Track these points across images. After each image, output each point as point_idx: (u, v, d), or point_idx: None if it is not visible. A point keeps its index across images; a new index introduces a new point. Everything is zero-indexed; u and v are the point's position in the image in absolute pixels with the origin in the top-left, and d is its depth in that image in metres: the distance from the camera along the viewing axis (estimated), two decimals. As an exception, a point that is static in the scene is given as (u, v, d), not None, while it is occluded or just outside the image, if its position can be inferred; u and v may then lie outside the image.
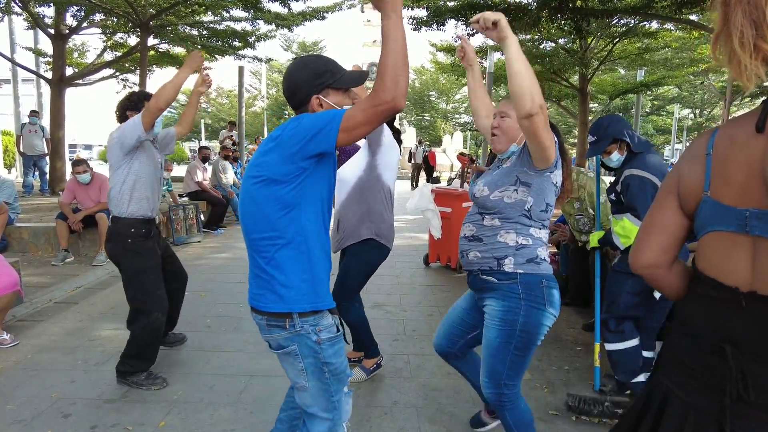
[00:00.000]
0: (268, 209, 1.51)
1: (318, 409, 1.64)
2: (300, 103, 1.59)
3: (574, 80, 13.53)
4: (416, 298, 4.72)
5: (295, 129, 1.47)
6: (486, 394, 2.01)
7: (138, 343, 2.88)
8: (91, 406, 2.68)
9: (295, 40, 37.77)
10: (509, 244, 1.89)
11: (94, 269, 5.51)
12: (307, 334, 1.55)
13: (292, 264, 1.53)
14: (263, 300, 1.56)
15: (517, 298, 1.86)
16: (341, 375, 1.64)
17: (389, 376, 3.10)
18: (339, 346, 1.62)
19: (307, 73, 1.57)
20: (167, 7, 9.11)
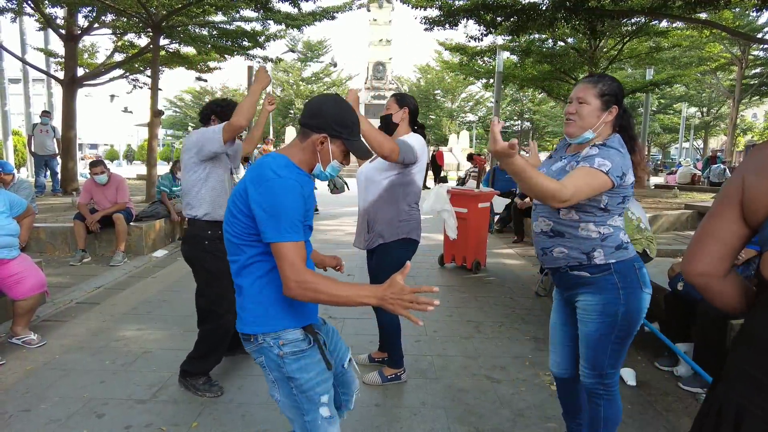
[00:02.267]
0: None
1: (297, 427, 1.65)
2: (311, 128, 1.61)
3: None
4: (434, 298, 4.72)
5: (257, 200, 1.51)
6: (586, 384, 1.99)
7: (207, 343, 2.88)
8: (123, 406, 2.71)
9: (300, 39, 37.83)
10: (593, 236, 1.85)
11: (112, 269, 5.55)
12: (269, 347, 1.58)
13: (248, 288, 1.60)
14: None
15: (615, 288, 1.83)
16: (310, 392, 1.59)
17: (415, 377, 3.11)
18: (305, 362, 1.58)
19: (337, 115, 1.61)
20: (179, 8, 9.14)
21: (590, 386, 1.99)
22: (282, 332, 1.57)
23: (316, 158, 1.63)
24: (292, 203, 1.48)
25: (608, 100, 1.86)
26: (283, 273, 1.46)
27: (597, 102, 1.85)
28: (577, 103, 1.88)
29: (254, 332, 1.58)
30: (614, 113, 1.87)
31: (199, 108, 15.15)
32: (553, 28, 7.19)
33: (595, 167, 1.74)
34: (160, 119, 9.65)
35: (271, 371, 1.61)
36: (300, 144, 1.63)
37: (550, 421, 2.65)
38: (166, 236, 6.90)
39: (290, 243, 1.46)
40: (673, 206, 9.20)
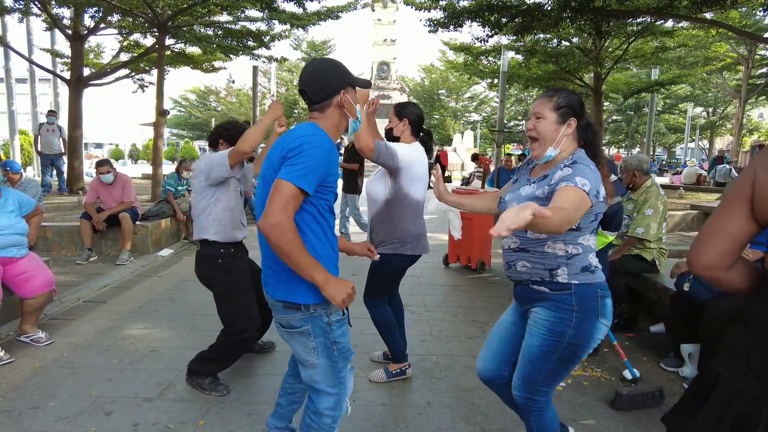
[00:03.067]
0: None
1: (326, 385, 1.81)
2: (327, 96, 1.75)
3: (587, 79, 13.47)
4: (439, 298, 4.74)
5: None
6: (515, 396, 1.96)
7: (222, 351, 2.88)
8: (131, 404, 2.73)
9: (304, 39, 37.89)
10: (559, 254, 1.81)
11: (118, 268, 5.58)
12: (319, 316, 1.73)
13: None
14: (277, 289, 1.76)
15: (570, 310, 1.78)
16: (347, 353, 1.83)
17: (420, 377, 3.13)
18: (345, 327, 1.82)
19: (337, 69, 1.78)
20: (185, 8, 9.17)
21: (519, 400, 1.95)
22: (329, 303, 1.68)
23: (344, 116, 1.79)
24: (316, 157, 1.60)
25: (565, 113, 1.82)
26: (270, 206, 1.54)
27: (553, 115, 1.82)
28: (535, 118, 1.86)
29: (306, 302, 1.70)
30: (573, 126, 1.83)
31: (203, 107, 15.25)
32: (558, 28, 7.16)
33: (579, 187, 1.66)
34: (165, 119, 9.68)
35: (316, 337, 1.74)
36: (322, 116, 1.77)
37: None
38: (172, 235, 6.93)
39: (295, 186, 1.56)
40: (679, 207, 9.17)
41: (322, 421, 1.85)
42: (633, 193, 4.10)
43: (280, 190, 1.55)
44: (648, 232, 3.84)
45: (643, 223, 3.85)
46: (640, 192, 4.01)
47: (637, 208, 3.97)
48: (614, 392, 2.82)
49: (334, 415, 1.86)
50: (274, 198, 1.54)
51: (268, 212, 1.53)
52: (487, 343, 2.14)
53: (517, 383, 1.95)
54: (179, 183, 7.13)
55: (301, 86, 1.76)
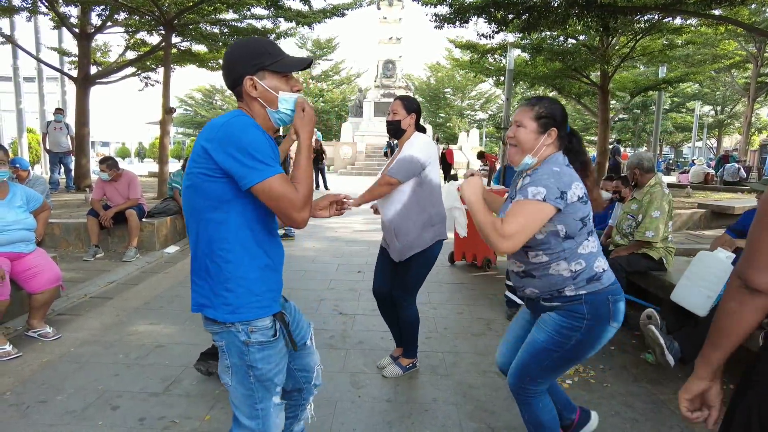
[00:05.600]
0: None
1: (241, 414, 1.59)
2: (234, 83, 1.52)
3: (594, 77, 13.39)
4: (444, 295, 4.73)
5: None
6: (509, 382, 1.99)
7: None
8: (137, 399, 2.74)
9: (309, 37, 37.93)
10: (564, 275, 1.82)
11: (125, 265, 5.60)
12: (236, 332, 1.50)
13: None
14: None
15: (581, 319, 1.80)
16: (268, 383, 1.56)
17: (426, 373, 3.12)
18: (269, 352, 1.54)
19: (244, 52, 1.51)
20: (191, 6, 9.19)
21: (512, 387, 1.98)
22: (254, 321, 1.51)
23: (260, 105, 1.53)
24: (257, 137, 1.40)
25: (546, 123, 1.83)
26: (284, 211, 1.42)
27: (533, 125, 1.83)
28: (515, 126, 1.87)
29: (225, 320, 1.49)
30: (553, 136, 1.84)
31: (209, 106, 15.22)
32: (565, 26, 7.11)
33: (530, 198, 1.69)
34: (171, 117, 9.71)
35: (230, 356, 1.54)
36: (242, 105, 1.55)
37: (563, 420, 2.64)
38: (177, 232, 6.95)
39: (275, 176, 1.39)
40: (686, 205, 9.11)
41: None
42: (636, 193, 4.06)
43: (274, 194, 1.40)
44: (657, 234, 3.81)
45: (652, 227, 3.81)
46: (644, 192, 3.96)
47: (643, 209, 3.92)
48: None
49: None
50: (280, 205, 1.42)
51: (292, 217, 1.43)
52: (505, 338, 2.19)
53: (512, 370, 1.97)
54: (185, 180, 7.15)
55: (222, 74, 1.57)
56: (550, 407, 2.02)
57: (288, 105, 1.55)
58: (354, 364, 3.23)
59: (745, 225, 3.79)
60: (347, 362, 3.26)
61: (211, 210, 1.45)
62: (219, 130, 1.41)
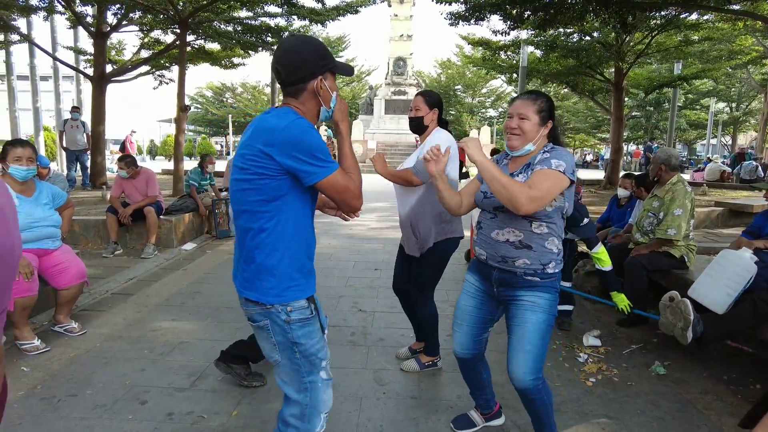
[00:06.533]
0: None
1: (290, 389, 1.69)
2: (299, 80, 1.60)
3: (608, 74, 13.28)
4: (463, 293, 4.72)
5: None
6: (529, 382, 2.01)
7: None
8: (164, 394, 2.78)
9: (320, 35, 37.91)
10: (554, 250, 2.03)
11: (144, 261, 5.66)
12: (277, 312, 1.61)
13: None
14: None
15: (555, 293, 2.06)
16: (313, 358, 1.66)
17: (449, 371, 3.12)
18: (310, 329, 1.65)
19: (313, 53, 1.60)
20: (206, 4, 9.24)
21: (531, 385, 2.02)
22: (292, 302, 1.62)
23: (317, 103, 1.65)
24: (317, 138, 1.52)
25: (545, 116, 2.03)
26: (346, 200, 1.59)
27: (536, 117, 2.01)
28: (518, 118, 2.03)
29: (264, 301, 1.60)
30: (549, 127, 2.05)
31: (219, 104, 15.30)
32: (582, 22, 7.04)
33: (553, 168, 1.90)
34: (186, 114, 9.78)
35: (275, 335, 1.64)
36: (296, 101, 1.63)
37: (587, 415, 2.64)
38: (195, 229, 7.01)
39: (337, 171, 1.55)
40: (702, 203, 9.01)
41: (287, 431, 1.72)
42: (658, 189, 4.03)
43: (338, 188, 1.56)
44: (679, 232, 3.78)
45: (674, 224, 3.78)
46: (666, 189, 3.93)
47: (664, 207, 3.89)
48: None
49: (300, 427, 1.70)
50: (344, 197, 1.58)
51: (355, 205, 1.63)
52: (459, 329, 2.28)
53: (528, 368, 2.02)
54: (202, 178, 7.21)
55: (274, 64, 1.62)
56: (551, 396, 2.15)
57: (334, 104, 1.70)
58: (376, 361, 3.25)
59: (759, 226, 3.74)
60: (369, 359, 3.28)
61: (264, 204, 1.56)
62: (280, 135, 1.49)
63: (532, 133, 2.01)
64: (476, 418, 2.49)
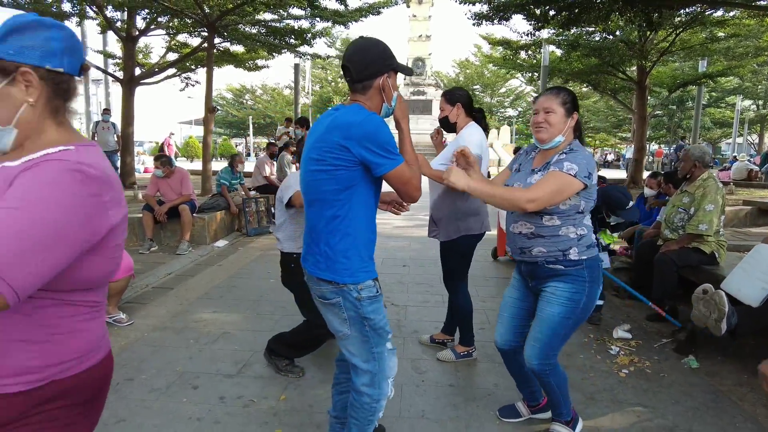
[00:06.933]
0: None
1: (359, 359, 1.85)
2: (368, 77, 1.75)
3: (630, 73, 13.17)
4: (491, 290, 4.81)
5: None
6: (534, 365, 2.18)
7: (304, 336, 2.99)
8: (214, 380, 2.93)
9: (338, 36, 38.18)
10: (571, 236, 2.08)
11: (179, 257, 5.85)
12: (349, 291, 1.77)
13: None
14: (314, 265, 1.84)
15: (584, 281, 2.10)
16: (380, 331, 1.83)
17: (484, 361, 3.22)
18: (378, 305, 1.82)
19: (380, 52, 1.76)
20: (233, 8, 9.46)
21: (538, 367, 2.18)
22: (362, 282, 1.78)
23: (381, 99, 1.80)
24: (388, 133, 1.67)
25: (569, 108, 2.11)
26: (408, 190, 1.74)
27: (561, 110, 2.09)
28: (544, 113, 2.10)
29: (337, 280, 1.75)
30: (575, 119, 2.12)
31: (239, 105, 15.48)
32: (607, 21, 7.04)
33: (565, 171, 1.99)
34: (214, 115, 10.01)
35: (347, 310, 1.79)
36: (363, 98, 1.78)
37: (622, 404, 2.71)
38: (226, 227, 7.20)
39: (403, 163, 1.70)
40: (730, 202, 8.91)
41: (361, 400, 1.88)
42: (688, 185, 4.06)
43: (402, 179, 1.70)
44: (711, 228, 3.81)
45: (706, 219, 3.81)
46: (697, 185, 3.96)
47: (696, 203, 3.92)
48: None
49: (372, 394, 1.87)
50: (407, 189, 1.73)
51: (414, 195, 1.76)
52: (500, 320, 2.42)
53: (534, 352, 2.17)
54: (233, 177, 7.41)
55: (345, 63, 1.76)
56: (564, 377, 2.28)
57: (395, 102, 1.85)
58: (413, 351, 3.36)
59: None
60: (406, 349, 3.39)
61: (338, 192, 1.70)
62: (357, 129, 1.65)
63: (559, 125, 2.08)
64: (522, 409, 2.57)
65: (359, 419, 1.91)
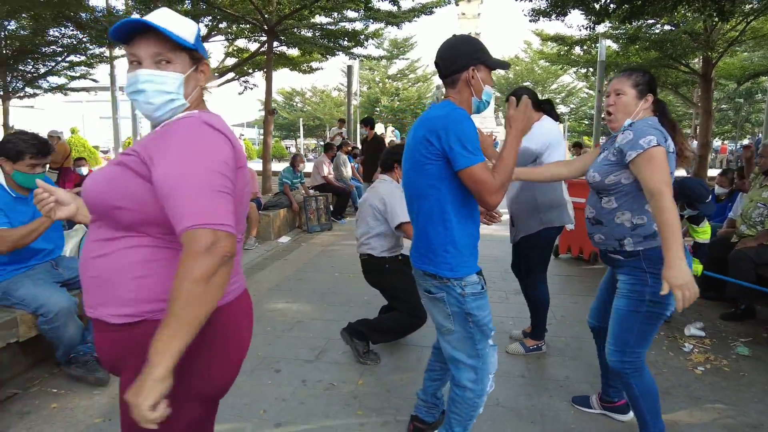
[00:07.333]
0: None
1: (463, 354, 1.88)
2: (455, 71, 1.80)
3: (694, 65, 12.61)
4: (555, 287, 4.77)
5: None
6: (610, 361, 2.10)
7: (398, 324, 3.14)
8: (294, 364, 3.11)
9: (386, 37, 38.37)
10: (626, 225, 2.02)
11: (246, 252, 6.14)
12: (453, 286, 1.81)
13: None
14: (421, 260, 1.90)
15: (643, 273, 1.99)
16: (484, 327, 1.86)
17: (553, 355, 3.25)
18: (482, 302, 1.84)
19: (469, 46, 1.80)
20: (291, 12, 9.79)
21: (616, 365, 2.08)
22: (466, 277, 1.82)
23: (470, 93, 1.82)
24: (469, 129, 1.69)
25: (642, 90, 2.03)
26: (479, 193, 1.69)
27: (633, 92, 2.02)
28: (615, 95, 2.06)
29: (443, 275, 1.81)
30: (650, 101, 2.04)
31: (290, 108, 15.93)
32: (674, 12, 6.79)
33: (647, 147, 1.86)
34: (272, 117, 10.38)
35: (450, 306, 1.84)
36: (452, 92, 1.83)
37: (700, 400, 2.68)
38: (288, 224, 7.49)
39: (478, 164, 1.67)
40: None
41: (464, 395, 1.92)
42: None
43: (476, 178, 1.67)
44: None
45: None
46: None
47: None
48: None
49: (475, 389, 1.90)
50: (479, 189, 1.68)
51: (487, 198, 1.69)
52: (595, 299, 2.45)
53: (611, 349, 2.10)
54: (294, 176, 7.70)
55: (436, 60, 1.85)
56: (652, 390, 2.09)
57: (487, 97, 1.86)
58: (481, 344, 3.43)
59: None
60: (474, 342, 3.46)
61: (430, 187, 1.77)
62: (441, 122, 1.71)
63: (630, 107, 2.02)
64: (594, 402, 2.59)
65: (461, 414, 1.95)
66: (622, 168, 1.98)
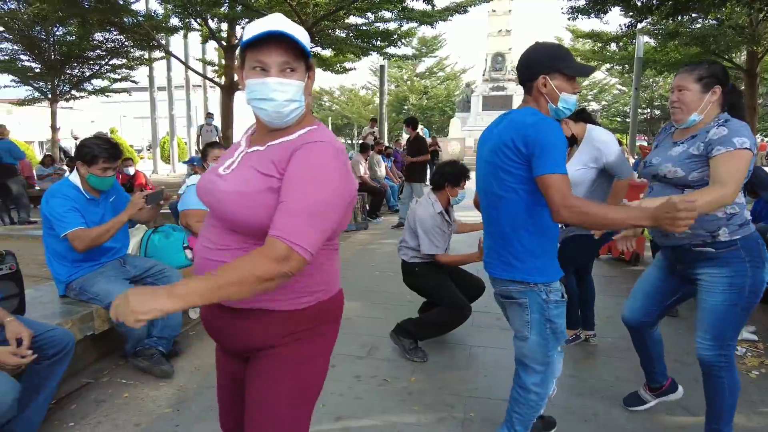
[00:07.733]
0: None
1: (533, 362, 1.92)
2: (529, 79, 1.82)
3: (738, 60, 12.23)
4: (597, 288, 4.75)
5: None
6: (704, 356, 2.07)
7: (437, 317, 3.27)
8: (347, 360, 3.21)
9: (415, 35, 38.29)
10: (719, 215, 1.93)
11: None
12: (538, 292, 1.84)
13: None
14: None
15: (743, 262, 1.93)
16: (560, 335, 1.90)
17: (601, 356, 3.27)
18: (562, 309, 1.88)
19: (544, 54, 1.81)
20: (328, 14, 9.94)
21: (711, 359, 2.05)
22: (551, 283, 1.86)
23: (545, 101, 1.83)
24: (557, 139, 1.71)
25: (708, 83, 1.97)
26: (552, 200, 1.66)
27: (696, 86, 1.97)
28: (678, 91, 2.02)
29: (528, 280, 1.83)
30: (718, 93, 1.98)
31: (319, 107, 16.14)
32: (722, 7, 6.62)
33: (739, 147, 1.84)
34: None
35: (532, 312, 1.87)
36: (530, 99, 1.87)
37: (756, 404, 2.67)
38: (325, 223, 7.62)
39: (557, 174, 1.66)
40: None
41: (528, 397, 1.97)
42: None
43: (551, 185, 1.65)
44: None
45: None
46: None
47: None
48: None
49: (540, 392, 1.95)
50: (552, 195, 1.65)
51: (556, 207, 1.65)
52: (633, 296, 2.40)
53: (707, 344, 2.06)
54: (331, 175, 7.83)
55: (517, 67, 1.88)
56: (738, 386, 2.09)
57: (567, 104, 1.85)
58: (528, 344, 3.47)
59: None
60: (521, 342, 3.50)
61: (514, 192, 1.80)
62: (530, 129, 1.74)
63: (694, 103, 1.98)
64: (645, 395, 2.60)
65: (523, 415, 2.01)
66: (706, 164, 1.93)
